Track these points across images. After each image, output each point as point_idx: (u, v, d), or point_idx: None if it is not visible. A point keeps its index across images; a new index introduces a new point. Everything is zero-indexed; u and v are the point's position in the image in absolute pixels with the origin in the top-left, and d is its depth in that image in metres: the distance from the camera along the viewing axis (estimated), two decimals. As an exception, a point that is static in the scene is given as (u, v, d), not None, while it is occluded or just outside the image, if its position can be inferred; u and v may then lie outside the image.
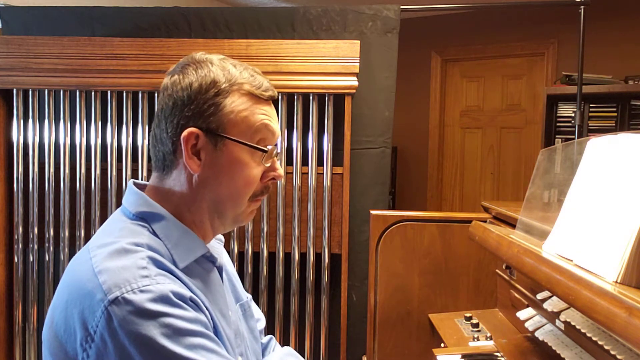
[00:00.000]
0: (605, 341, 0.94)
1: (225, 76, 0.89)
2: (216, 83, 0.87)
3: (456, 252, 1.91)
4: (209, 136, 0.86)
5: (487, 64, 4.64)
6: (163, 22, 2.40)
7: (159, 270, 0.79)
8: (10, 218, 2.38)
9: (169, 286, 0.76)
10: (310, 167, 2.28)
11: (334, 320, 2.34)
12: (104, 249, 0.81)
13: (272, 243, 2.32)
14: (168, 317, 0.73)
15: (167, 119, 0.88)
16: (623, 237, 0.87)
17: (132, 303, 0.72)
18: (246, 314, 1.05)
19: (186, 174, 0.88)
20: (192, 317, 0.76)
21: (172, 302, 0.75)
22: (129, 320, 0.72)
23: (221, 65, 0.90)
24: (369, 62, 2.33)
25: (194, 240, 0.88)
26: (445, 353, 1.46)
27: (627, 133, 1.01)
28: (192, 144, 0.86)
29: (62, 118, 2.31)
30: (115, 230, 0.86)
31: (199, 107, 0.86)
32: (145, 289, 0.74)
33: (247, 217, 0.94)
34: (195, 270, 0.88)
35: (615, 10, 3.90)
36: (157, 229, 0.86)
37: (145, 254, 0.80)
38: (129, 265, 0.77)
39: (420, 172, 4.93)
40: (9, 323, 2.39)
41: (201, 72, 0.88)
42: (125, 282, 0.74)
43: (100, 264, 0.77)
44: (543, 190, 1.35)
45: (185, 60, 0.92)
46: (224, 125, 0.87)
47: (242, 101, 0.89)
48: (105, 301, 0.73)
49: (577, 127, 2.58)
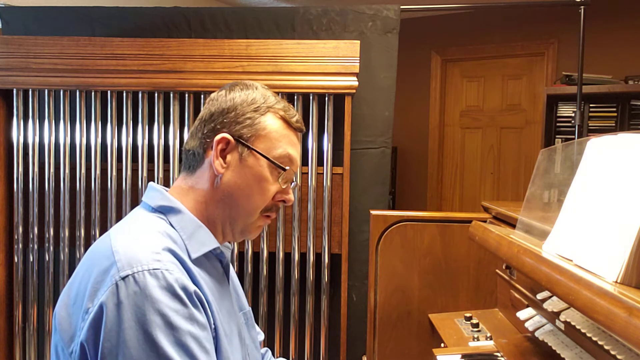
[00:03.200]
0: (605, 341, 0.94)
1: (265, 99, 0.99)
2: (256, 101, 0.98)
3: (456, 252, 1.91)
4: (238, 144, 0.96)
5: (487, 64, 4.64)
6: (163, 22, 2.40)
7: (171, 258, 0.84)
8: (10, 218, 2.38)
9: (177, 275, 0.81)
10: (310, 167, 2.28)
11: (334, 320, 2.34)
12: (124, 233, 0.88)
13: (272, 243, 2.32)
14: (167, 308, 0.77)
15: (206, 122, 0.98)
16: (623, 237, 0.87)
17: (139, 284, 0.77)
18: (248, 323, 1.09)
19: (210, 174, 0.96)
20: (189, 314, 0.80)
21: (176, 294, 0.79)
22: (131, 300, 0.77)
23: (263, 91, 1.01)
24: (369, 62, 2.33)
25: (207, 235, 0.94)
26: (445, 353, 1.46)
27: (627, 133, 1.01)
28: (222, 148, 0.95)
29: (62, 118, 2.31)
30: (135, 219, 0.94)
31: (237, 117, 0.97)
32: (154, 272, 0.79)
33: (255, 230, 1.02)
34: (205, 265, 0.93)
35: (615, 10, 3.90)
36: (174, 221, 0.93)
37: (162, 241, 0.86)
38: (145, 247, 0.82)
39: (420, 172, 4.92)
40: (9, 323, 2.39)
41: (245, 91, 0.99)
42: (137, 262, 0.79)
43: (117, 244, 0.83)
44: (543, 190, 1.35)
45: (235, 82, 1.03)
46: (254, 138, 0.97)
47: (276, 123, 0.99)
48: (116, 276, 0.78)
49: (577, 127, 2.58)
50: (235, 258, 2.31)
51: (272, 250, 2.32)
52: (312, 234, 2.28)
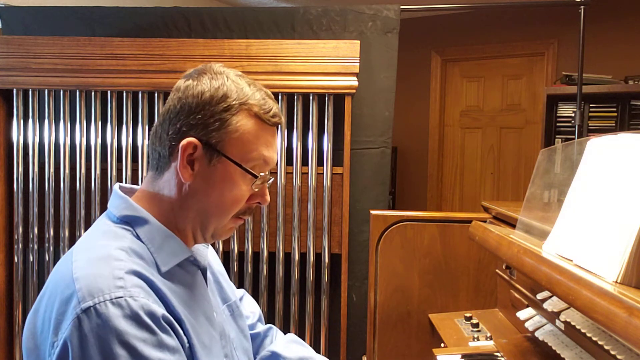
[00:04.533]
0: (605, 341, 0.94)
1: (237, 93, 0.88)
2: (227, 98, 0.87)
3: (456, 252, 1.91)
4: (206, 149, 0.86)
5: (487, 64, 4.64)
6: (163, 22, 2.40)
7: (136, 281, 0.78)
8: (10, 218, 2.38)
9: (142, 301, 0.76)
10: (310, 167, 2.28)
11: (334, 320, 2.34)
12: (86, 253, 0.81)
13: (272, 243, 2.32)
14: (134, 339, 0.73)
15: (172, 121, 0.88)
16: (623, 237, 0.86)
17: (102, 316, 0.72)
18: (234, 314, 1.05)
19: (177, 180, 0.88)
20: (157, 342, 0.75)
21: (141, 322, 0.74)
22: (95, 334, 0.72)
23: (236, 81, 0.89)
24: (369, 62, 2.33)
25: (178, 244, 0.89)
26: (445, 353, 1.46)
27: (627, 133, 1.01)
28: (188, 153, 0.86)
29: (62, 118, 2.31)
30: (99, 233, 0.87)
31: (205, 119, 0.86)
32: (118, 302, 0.74)
33: (226, 233, 0.95)
34: (177, 275, 0.88)
35: (615, 10, 3.90)
36: (141, 233, 0.86)
37: (125, 263, 0.79)
38: (106, 274, 0.76)
39: (420, 172, 4.92)
40: (9, 323, 2.39)
41: (215, 83, 0.88)
42: (99, 291, 0.74)
43: (78, 270, 0.78)
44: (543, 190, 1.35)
45: (203, 68, 0.91)
46: (224, 142, 0.87)
47: (248, 123, 0.88)
48: (77, 309, 0.73)
49: (577, 127, 2.58)
50: (235, 258, 2.31)
51: (272, 250, 2.32)
52: (312, 234, 2.28)
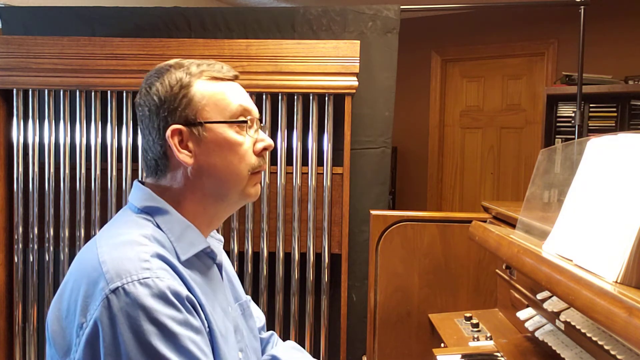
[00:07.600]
0: (605, 341, 0.94)
1: (184, 71, 0.93)
2: (179, 80, 0.92)
3: (456, 252, 1.91)
4: (190, 127, 0.91)
5: (487, 64, 4.64)
6: (163, 22, 2.40)
7: (161, 264, 0.81)
8: (10, 218, 2.38)
9: (168, 282, 0.79)
10: (310, 167, 2.28)
11: (334, 320, 2.34)
12: (110, 240, 0.85)
13: (272, 243, 2.32)
14: (162, 315, 0.76)
15: (149, 127, 0.93)
16: (623, 237, 0.87)
17: (130, 295, 0.76)
18: (245, 313, 1.08)
19: (181, 171, 0.92)
20: (183, 320, 0.79)
21: (168, 300, 0.78)
22: (125, 312, 0.75)
23: (178, 64, 0.95)
24: (369, 62, 2.33)
25: (196, 235, 0.91)
26: (445, 353, 1.46)
27: (627, 133, 1.01)
28: (178, 140, 0.91)
29: (62, 118, 2.31)
30: (121, 223, 0.91)
31: (172, 105, 0.91)
32: (145, 282, 0.77)
33: (252, 190, 0.96)
34: (196, 265, 0.91)
35: (615, 10, 3.90)
36: (161, 223, 0.90)
37: (150, 247, 0.83)
38: (132, 256, 0.80)
39: (420, 172, 4.92)
40: (9, 323, 2.39)
41: (162, 78, 0.93)
42: (126, 272, 0.77)
43: (104, 254, 0.81)
44: (543, 190, 1.35)
45: (147, 75, 0.97)
46: (200, 112, 0.91)
47: (208, 86, 0.93)
48: (106, 290, 0.76)
49: (577, 127, 2.58)
50: (235, 258, 2.31)
51: (272, 250, 2.32)
52: (312, 234, 2.28)
